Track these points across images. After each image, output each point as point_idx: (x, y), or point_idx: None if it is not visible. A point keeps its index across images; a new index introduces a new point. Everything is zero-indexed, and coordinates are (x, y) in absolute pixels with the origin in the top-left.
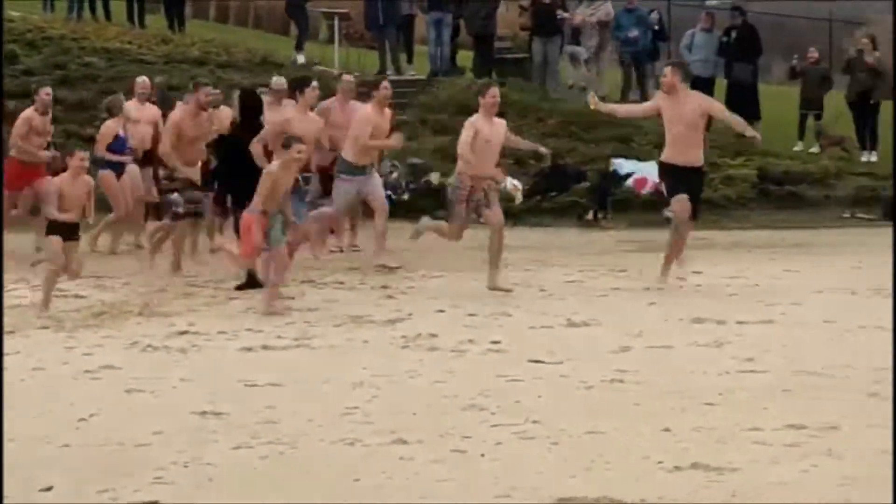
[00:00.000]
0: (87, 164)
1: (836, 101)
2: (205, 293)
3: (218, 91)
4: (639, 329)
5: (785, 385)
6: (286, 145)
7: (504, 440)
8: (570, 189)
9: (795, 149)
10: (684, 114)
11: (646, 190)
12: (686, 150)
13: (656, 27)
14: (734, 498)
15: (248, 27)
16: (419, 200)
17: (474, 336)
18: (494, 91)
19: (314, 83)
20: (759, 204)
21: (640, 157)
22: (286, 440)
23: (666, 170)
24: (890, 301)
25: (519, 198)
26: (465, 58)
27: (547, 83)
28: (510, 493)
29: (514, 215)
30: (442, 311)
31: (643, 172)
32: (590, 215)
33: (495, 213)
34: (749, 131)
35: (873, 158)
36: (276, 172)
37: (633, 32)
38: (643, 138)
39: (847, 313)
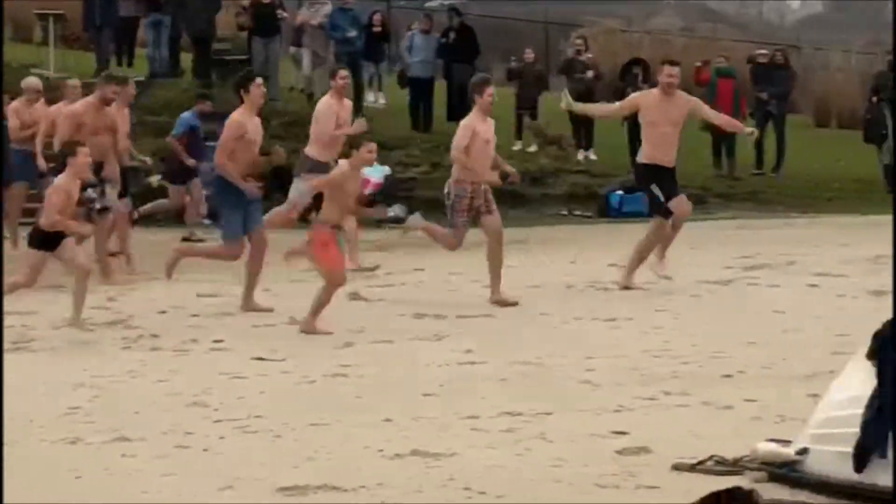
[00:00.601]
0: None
1: (551, 101)
2: None
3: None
4: (361, 325)
5: (502, 375)
6: (355, 145)
7: (227, 435)
8: None
9: (514, 148)
10: (673, 114)
11: (369, 190)
12: (668, 149)
13: (378, 28)
14: (452, 481)
15: None
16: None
17: (197, 336)
18: (491, 90)
19: (259, 79)
20: None
21: None
22: (5, 440)
23: (650, 170)
24: (605, 294)
25: None
26: (188, 59)
27: (269, 85)
28: (233, 485)
29: None
30: (164, 311)
31: (366, 173)
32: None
33: (495, 218)
34: (745, 129)
35: (592, 157)
36: (346, 173)
37: (351, 32)
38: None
39: (563, 306)
